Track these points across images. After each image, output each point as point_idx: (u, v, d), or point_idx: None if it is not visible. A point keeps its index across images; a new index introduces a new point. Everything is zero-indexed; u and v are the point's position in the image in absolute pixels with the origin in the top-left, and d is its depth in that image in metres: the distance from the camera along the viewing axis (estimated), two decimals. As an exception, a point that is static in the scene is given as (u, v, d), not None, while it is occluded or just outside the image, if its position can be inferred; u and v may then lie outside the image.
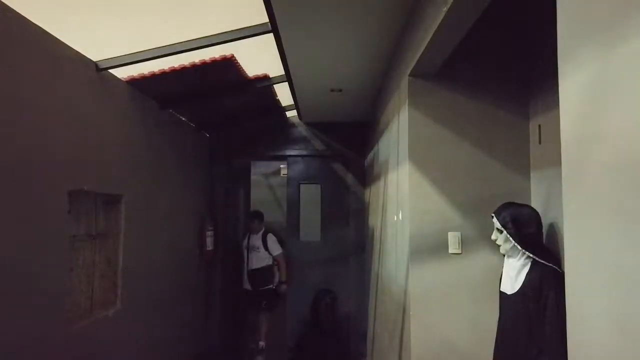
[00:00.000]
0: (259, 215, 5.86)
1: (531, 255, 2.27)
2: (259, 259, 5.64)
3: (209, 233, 5.48)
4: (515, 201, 2.48)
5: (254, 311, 5.84)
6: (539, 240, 2.33)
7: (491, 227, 2.49)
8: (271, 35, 3.11)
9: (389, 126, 3.67)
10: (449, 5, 1.90)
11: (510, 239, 2.31)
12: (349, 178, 6.03)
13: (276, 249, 5.68)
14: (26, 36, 2.51)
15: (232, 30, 3.18)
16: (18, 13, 2.44)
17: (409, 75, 2.80)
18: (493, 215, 2.41)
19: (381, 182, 4.21)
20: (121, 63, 3.21)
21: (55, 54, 2.75)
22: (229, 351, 5.96)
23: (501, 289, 2.43)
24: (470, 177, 2.75)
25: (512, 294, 2.33)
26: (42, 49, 2.63)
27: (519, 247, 2.29)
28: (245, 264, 5.72)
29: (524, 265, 2.31)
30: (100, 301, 3.32)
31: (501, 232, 2.35)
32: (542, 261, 2.24)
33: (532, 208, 2.39)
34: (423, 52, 2.42)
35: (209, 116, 5.17)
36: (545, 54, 2.54)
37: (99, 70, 3.17)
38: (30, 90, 2.53)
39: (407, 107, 2.83)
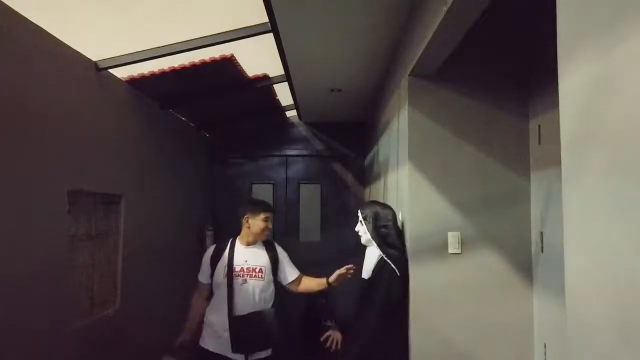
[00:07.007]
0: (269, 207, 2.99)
1: (377, 248, 2.66)
2: (255, 295, 2.77)
3: (209, 233, 5.48)
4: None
5: None
6: (387, 237, 2.70)
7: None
8: (271, 35, 3.11)
9: (389, 126, 3.66)
10: (448, 5, 1.90)
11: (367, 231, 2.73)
12: (349, 178, 6.02)
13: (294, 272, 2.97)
14: (26, 36, 2.51)
15: (232, 30, 3.18)
16: (18, 13, 2.44)
17: (409, 75, 2.80)
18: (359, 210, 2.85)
19: (381, 182, 4.20)
20: (121, 63, 3.22)
21: (55, 54, 2.75)
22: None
23: (362, 276, 2.75)
24: (470, 177, 2.75)
25: (366, 280, 2.70)
26: (42, 49, 2.63)
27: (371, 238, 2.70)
28: (227, 303, 2.74)
29: (378, 257, 2.67)
30: (100, 301, 3.32)
31: (362, 224, 2.78)
32: (385, 257, 2.62)
33: (392, 209, 2.84)
34: (423, 52, 2.41)
35: (208, 116, 5.17)
36: (545, 54, 2.54)
37: (99, 70, 3.17)
38: (30, 90, 2.53)
39: (407, 107, 2.83)
